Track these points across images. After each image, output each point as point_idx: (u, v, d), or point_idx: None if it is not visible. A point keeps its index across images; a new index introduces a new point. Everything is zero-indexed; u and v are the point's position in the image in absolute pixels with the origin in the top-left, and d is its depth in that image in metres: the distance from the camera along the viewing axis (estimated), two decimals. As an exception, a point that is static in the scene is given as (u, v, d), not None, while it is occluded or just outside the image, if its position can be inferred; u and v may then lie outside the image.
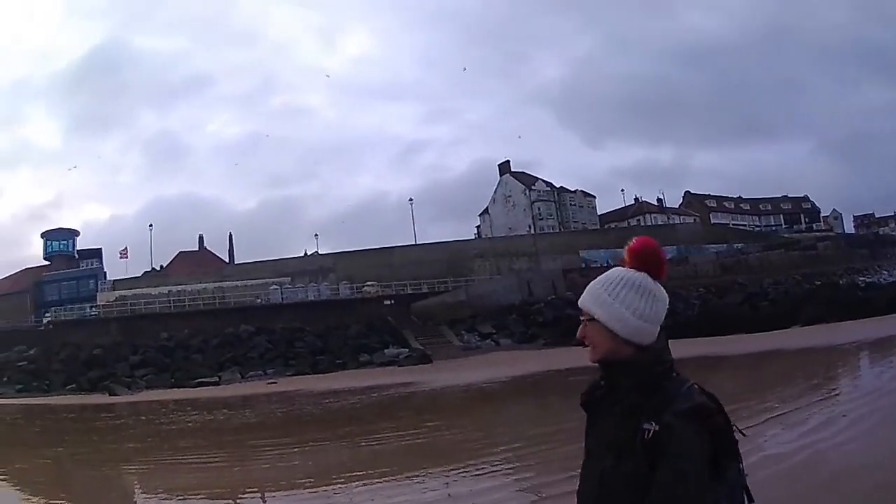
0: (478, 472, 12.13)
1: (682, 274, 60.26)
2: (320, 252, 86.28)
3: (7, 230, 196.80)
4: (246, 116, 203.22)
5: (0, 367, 58.38)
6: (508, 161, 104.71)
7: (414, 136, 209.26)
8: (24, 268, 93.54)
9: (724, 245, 76.25)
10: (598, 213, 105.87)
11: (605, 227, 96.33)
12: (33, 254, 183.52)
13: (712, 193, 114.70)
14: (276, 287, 67.39)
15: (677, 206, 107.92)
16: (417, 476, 12.49)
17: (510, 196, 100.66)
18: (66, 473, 17.90)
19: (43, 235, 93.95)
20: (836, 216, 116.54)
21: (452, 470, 12.47)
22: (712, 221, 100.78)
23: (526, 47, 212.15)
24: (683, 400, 2.53)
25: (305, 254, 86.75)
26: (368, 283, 66.65)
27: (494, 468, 12.51)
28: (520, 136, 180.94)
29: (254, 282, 69.40)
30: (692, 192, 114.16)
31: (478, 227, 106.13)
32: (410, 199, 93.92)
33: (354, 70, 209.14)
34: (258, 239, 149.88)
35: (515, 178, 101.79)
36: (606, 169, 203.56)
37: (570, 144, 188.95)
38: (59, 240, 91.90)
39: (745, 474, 2.67)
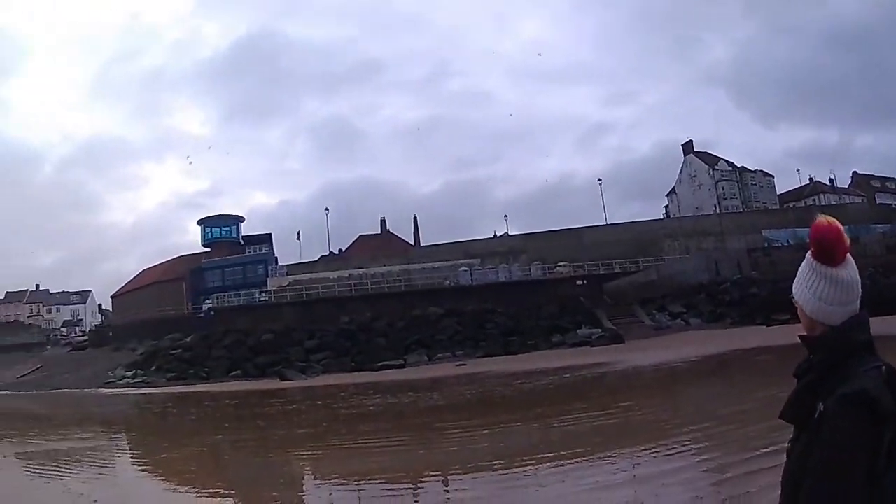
0: (668, 453, 11.76)
1: (853, 254, 57.71)
2: (510, 233, 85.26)
3: (157, 218, 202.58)
4: (422, 101, 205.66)
5: (149, 356, 59.02)
6: (691, 141, 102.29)
7: (597, 118, 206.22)
8: (177, 255, 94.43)
9: (888, 225, 73.28)
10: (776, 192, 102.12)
11: (784, 206, 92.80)
12: (187, 241, 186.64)
13: (876, 174, 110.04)
14: (465, 269, 66.66)
15: (846, 187, 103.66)
16: (608, 456, 12.16)
17: (695, 176, 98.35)
18: (223, 461, 17.73)
19: (200, 222, 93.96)
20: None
21: (644, 450, 12.19)
22: (878, 201, 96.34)
23: (694, 30, 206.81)
24: (852, 383, 2.35)
25: (495, 235, 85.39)
26: (560, 263, 65.74)
27: (684, 448, 12.09)
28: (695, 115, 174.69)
29: (442, 264, 68.83)
30: (859, 172, 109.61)
31: (666, 206, 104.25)
32: (599, 180, 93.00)
33: (531, 53, 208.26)
34: (444, 221, 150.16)
35: (699, 158, 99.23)
36: (780, 149, 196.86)
37: (743, 125, 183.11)
38: (219, 226, 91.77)
39: None
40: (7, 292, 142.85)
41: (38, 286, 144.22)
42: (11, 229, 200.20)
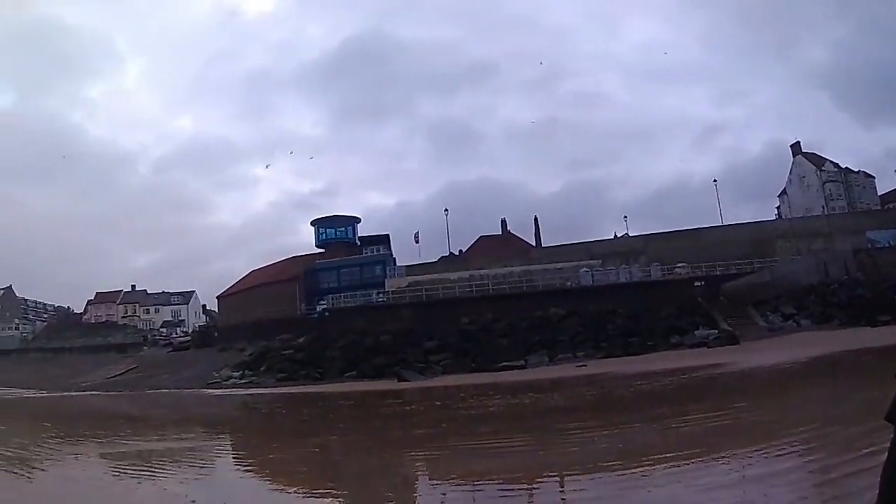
0: (778, 453, 11.59)
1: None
2: (630, 234, 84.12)
3: (267, 219, 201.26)
4: (537, 102, 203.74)
5: (258, 357, 58.20)
6: (799, 142, 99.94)
7: (710, 118, 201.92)
8: (289, 256, 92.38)
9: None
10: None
11: (885, 207, 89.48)
12: (299, 242, 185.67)
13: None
14: (586, 270, 65.85)
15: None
16: (722, 457, 12.01)
17: (804, 177, 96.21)
18: (336, 461, 17.02)
19: (314, 223, 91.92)
20: None
21: (756, 451, 12.00)
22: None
23: (793, 30, 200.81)
24: None
25: (615, 236, 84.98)
26: (679, 264, 64.78)
27: (792, 449, 11.96)
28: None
29: (563, 264, 67.83)
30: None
31: (778, 207, 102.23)
32: (714, 181, 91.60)
33: (643, 54, 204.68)
34: (564, 222, 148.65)
35: (807, 159, 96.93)
36: (879, 150, 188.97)
37: (843, 125, 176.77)
38: (334, 227, 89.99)
39: None
40: (97, 293, 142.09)
41: (133, 287, 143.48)
42: (105, 231, 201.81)
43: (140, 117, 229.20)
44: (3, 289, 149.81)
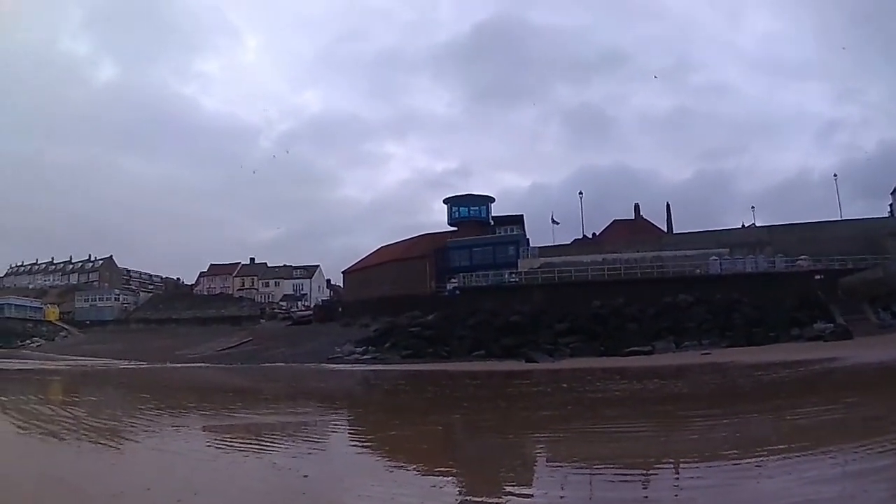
0: (881, 450, 11.38)
1: None
2: (756, 224, 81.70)
3: (397, 196, 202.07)
4: (668, 90, 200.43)
5: (384, 333, 56.55)
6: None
7: (829, 114, 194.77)
8: (420, 234, 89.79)
9: None
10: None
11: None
12: (430, 220, 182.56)
13: None
14: (715, 258, 64.38)
15: None
16: (829, 451, 11.80)
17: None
18: (458, 440, 16.21)
19: (447, 201, 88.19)
20: None
21: (860, 446, 11.73)
22: None
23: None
24: None
25: (743, 225, 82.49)
26: (802, 256, 63.00)
27: (892, 446, 11.68)
28: None
29: (693, 252, 66.28)
30: None
31: (890, 205, 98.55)
32: (835, 175, 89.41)
33: (765, 47, 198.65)
34: (693, 209, 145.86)
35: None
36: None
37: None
38: (468, 206, 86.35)
39: None
40: (211, 265, 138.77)
41: (252, 259, 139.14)
42: (224, 205, 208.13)
43: (261, 92, 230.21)
44: (103, 259, 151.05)
